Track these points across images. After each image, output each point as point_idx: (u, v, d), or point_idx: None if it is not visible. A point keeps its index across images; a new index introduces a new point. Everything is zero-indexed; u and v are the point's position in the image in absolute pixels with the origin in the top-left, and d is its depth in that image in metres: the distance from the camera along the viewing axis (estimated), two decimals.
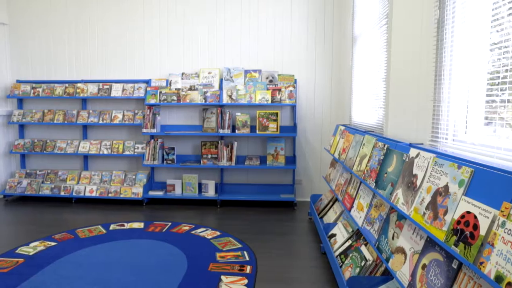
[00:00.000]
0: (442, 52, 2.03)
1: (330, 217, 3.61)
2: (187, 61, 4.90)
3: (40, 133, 5.23)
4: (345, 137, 3.51)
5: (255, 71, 4.73)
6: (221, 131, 4.56)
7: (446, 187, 1.50)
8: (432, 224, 1.50)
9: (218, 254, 3.13)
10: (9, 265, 2.94)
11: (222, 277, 2.72)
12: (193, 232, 3.68)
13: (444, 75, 2.02)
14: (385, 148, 2.37)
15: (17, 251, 3.20)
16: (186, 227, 3.80)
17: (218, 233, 3.65)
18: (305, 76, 4.79)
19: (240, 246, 3.32)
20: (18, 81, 5.13)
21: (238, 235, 3.60)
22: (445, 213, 1.44)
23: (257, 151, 4.88)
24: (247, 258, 3.06)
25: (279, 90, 4.56)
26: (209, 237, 3.54)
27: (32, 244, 3.35)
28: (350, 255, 2.55)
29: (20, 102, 5.20)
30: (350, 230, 2.92)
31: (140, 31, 4.92)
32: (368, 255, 2.33)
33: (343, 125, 4.01)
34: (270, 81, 4.69)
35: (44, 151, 4.97)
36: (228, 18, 4.80)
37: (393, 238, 1.97)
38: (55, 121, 4.95)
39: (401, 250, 1.80)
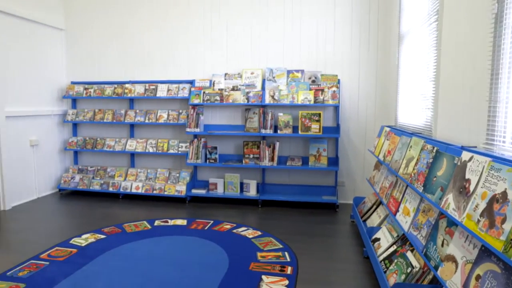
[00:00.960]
0: (500, 49, 1.91)
1: (373, 220, 3.51)
2: (230, 62, 4.96)
3: (91, 131, 5.52)
4: (391, 138, 3.40)
5: (297, 71, 4.70)
6: (263, 131, 4.57)
7: (504, 193, 1.41)
8: (487, 233, 1.41)
9: (259, 254, 3.14)
10: (64, 254, 3.13)
11: (263, 276, 2.73)
12: (234, 231, 3.72)
13: (502, 73, 1.90)
14: (434, 150, 2.27)
15: (70, 242, 3.40)
16: (227, 226, 3.86)
17: (259, 232, 3.67)
18: (348, 76, 4.69)
19: (281, 246, 3.32)
20: (73, 83, 5.44)
21: (279, 236, 3.60)
22: (503, 221, 1.35)
23: (299, 151, 4.85)
24: (288, 259, 3.05)
25: (322, 90, 4.50)
26: (250, 236, 3.57)
27: (84, 236, 3.55)
28: (395, 260, 2.46)
29: (74, 102, 5.51)
30: (395, 235, 2.82)
31: (185, 33, 5.05)
32: (414, 262, 2.25)
33: (388, 126, 3.88)
34: (313, 81, 4.64)
35: (95, 149, 5.24)
36: (270, 18, 4.80)
37: (442, 245, 1.88)
38: (104, 120, 5.20)
39: (451, 259, 1.71)
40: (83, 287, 2.57)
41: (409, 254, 2.35)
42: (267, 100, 4.60)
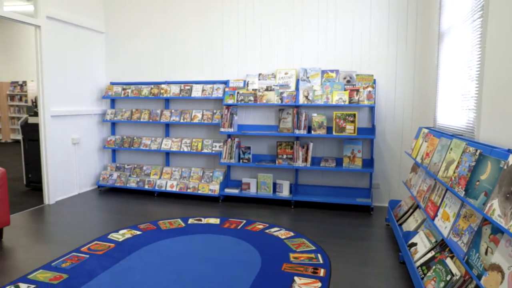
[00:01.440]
0: None
1: (410, 224, 3.41)
2: (264, 62, 4.97)
3: (128, 130, 5.70)
4: (429, 140, 3.28)
5: (332, 71, 4.64)
6: (297, 131, 4.55)
7: None
8: None
9: (291, 255, 3.13)
10: (103, 248, 3.25)
11: (296, 278, 2.71)
12: (267, 231, 3.72)
13: None
14: (477, 153, 2.17)
15: (109, 237, 3.53)
16: (260, 226, 3.86)
17: (291, 233, 3.65)
18: (385, 76, 4.58)
19: (313, 248, 3.29)
20: (112, 83, 5.64)
21: (312, 237, 3.56)
22: None
23: (333, 152, 4.79)
24: (321, 261, 3.01)
25: (357, 90, 4.42)
26: (283, 237, 3.56)
27: (121, 232, 3.67)
28: (433, 267, 2.38)
29: (113, 102, 5.71)
30: (433, 240, 2.72)
31: (219, 34, 5.11)
32: (454, 269, 2.16)
33: (426, 127, 3.76)
34: (348, 81, 4.56)
35: (132, 147, 5.41)
36: (305, 18, 4.77)
37: (486, 253, 1.79)
38: (141, 120, 5.36)
39: (497, 268, 1.63)
40: (121, 280, 2.66)
41: (448, 261, 2.26)
42: (301, 100, 4.58)
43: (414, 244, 2.89)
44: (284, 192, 4.70)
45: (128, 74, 5.64)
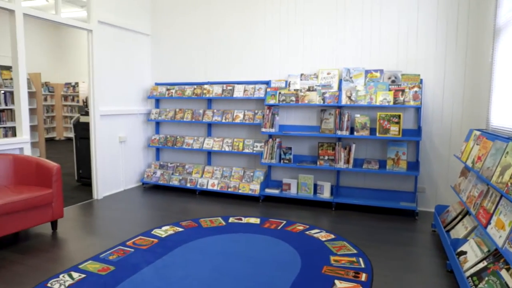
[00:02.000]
0: None
1: (458, 231, 3.24)
2: (306, 62, 4.93)
3: (172, 129, 5.86)
4: (481, 143, 3.10)
5: (376, 71, 4.51)
6: (339, 132, 4.47)
7: None
8: None
9: (332, 258, 3.07)
10: (147, 243, 3.37)
11: (336, 281, 2.66)
12: (307, 232, 3.68)
13: None
14: None
15: (152, 232, 3.64)
16: (300, 227, 3.83)
17: (332, 236, 3.59)
18: (432, 75, 4.39)
19: (355, 251, 3.21)
20: (156, 84, 5.83)
21: (353, 240, 3.48)
22: None
23: (376, 154, 4.66)
24: (363, 265, 2.94)
25: (403, 90, 4.26)
26: (323, 239, 3.50)
27: (163, 228, 3.78)
28: (486, 278, 2.24)
29: (157, 102, 5.90)
30: (486, 249, 2.57)
31: (262, 34, 5.13)
32: (511, 282, 2.02)
33: (478, 129, 3.55)
34: (393, 81, 4.42)
35: (175, 146, 5.55)
36: (348, 16, 4.67)
37: None
38: (184, 119, 5.49)
39: None
40: (164, 275, 2.74)
41: (504, 273, 2.12)
42: (344, 101, 4.49)
43: (464, 253, 2.74)
44: (325, 194, 4.64)
45: (172, 75, 5.80)
